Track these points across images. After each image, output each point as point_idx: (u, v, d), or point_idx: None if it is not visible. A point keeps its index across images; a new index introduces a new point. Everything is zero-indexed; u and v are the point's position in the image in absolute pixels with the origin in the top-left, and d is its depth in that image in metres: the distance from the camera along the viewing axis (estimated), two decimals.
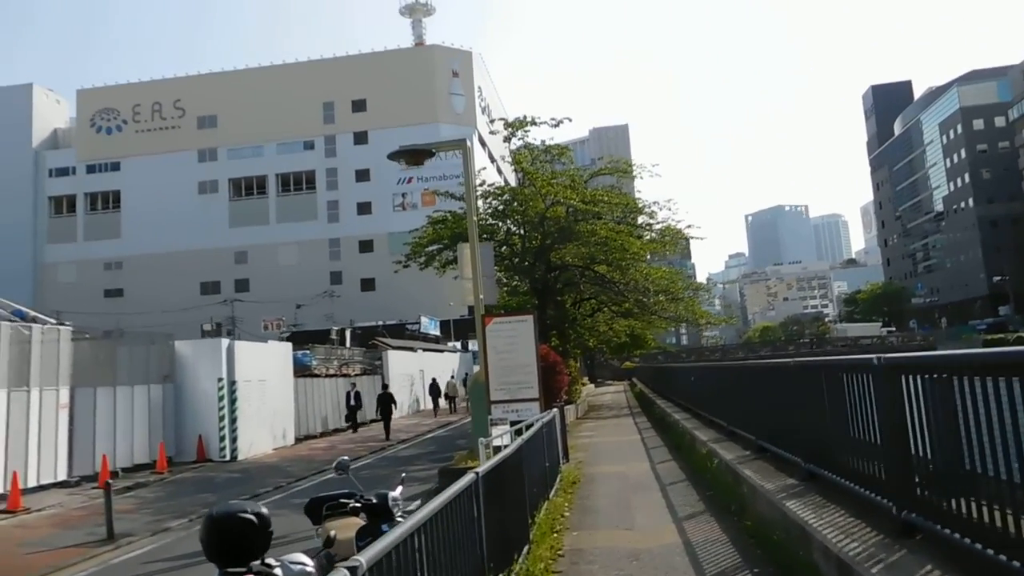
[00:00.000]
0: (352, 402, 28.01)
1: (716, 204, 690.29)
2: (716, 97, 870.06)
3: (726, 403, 10.71)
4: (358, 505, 5.50)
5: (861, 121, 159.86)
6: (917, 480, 4.03)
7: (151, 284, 72.39)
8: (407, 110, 72.54)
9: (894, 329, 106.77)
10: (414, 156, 14.01)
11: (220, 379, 21.94)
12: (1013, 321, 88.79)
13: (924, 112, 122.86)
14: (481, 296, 13.68)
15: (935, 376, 3.84)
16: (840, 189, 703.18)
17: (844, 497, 5.11)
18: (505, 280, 29.83)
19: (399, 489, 5.74)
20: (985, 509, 3.41)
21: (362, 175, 76.09)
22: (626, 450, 14.94)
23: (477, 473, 4.16)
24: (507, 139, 23.53)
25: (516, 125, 23.39)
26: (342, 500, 5.63)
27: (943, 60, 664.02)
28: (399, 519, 5.19)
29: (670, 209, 25.91)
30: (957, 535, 3.56)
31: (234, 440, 22.06)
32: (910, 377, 4.00)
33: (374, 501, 5.49)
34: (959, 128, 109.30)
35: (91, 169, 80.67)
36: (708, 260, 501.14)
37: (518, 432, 9.96)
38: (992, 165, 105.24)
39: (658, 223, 25.98)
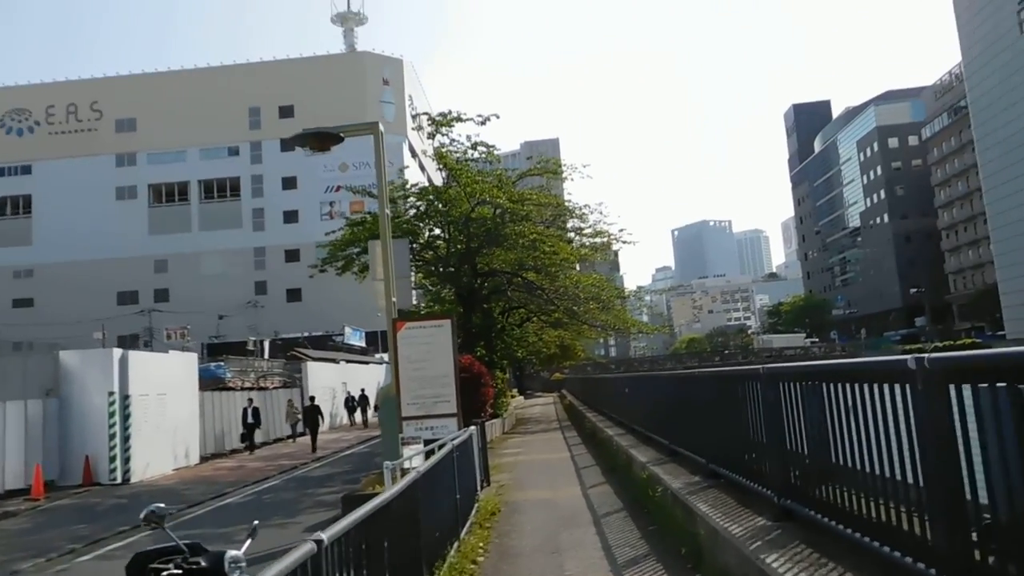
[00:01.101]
0: (249, 419, 25.64)
1: (643, 219, 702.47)
2: (644, 115, 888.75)
3: (667, 418, 9.38)
4: (180, 573, 3.99)
5: (783, 138, 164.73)
6: None
7: (64, 294, 68.61)
8: (336, 117, 69.74)
9: (817, 340, 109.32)
10: (320, 141, 12.40)
11: (112, 393, 20.00)
12: (928, 332, 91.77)
13: (843, 130, 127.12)
14: (394, 299, 12.15)
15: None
16: (762, 205, 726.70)
17: (844, 546, 3.79)
18: (431, 288, 28.33)
19: (246, 544, 4.22)
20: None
21: (289, 183, 74.34)
22: (555, 470, 13.48)
23: (319, 542, 2.63)
24: (431, 135, 21.97)
25: (441, 122, 21.90)
26: (163, 561, 4.12)
27: (860, 81, 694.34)
28: None
29: (601, 212, 24.87)
30: None
31: (127, 461, 20.15)
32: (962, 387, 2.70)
33: (203, 564, 3.98)
34: (875, 146, 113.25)
35: (0, 172, 76.17)
36: (636, 273, 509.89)
37: (431, 454, 8.48)
38: (906, 182, 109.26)
39: (588, 226, 24.84)
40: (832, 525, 3.95)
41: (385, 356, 59.06)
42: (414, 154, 73.22)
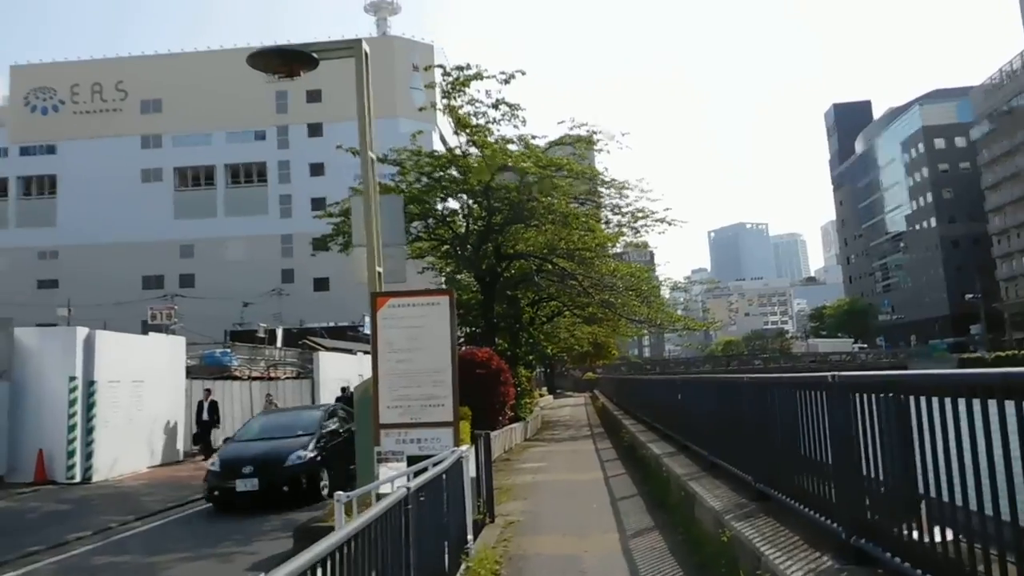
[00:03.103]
0: (205, 416, 21.43)
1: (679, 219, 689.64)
2: (682, 115, 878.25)
3: (751, 443, 6.34)
4: None
5: (822, 141, 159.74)
6: None
7: (89, 275, 67.18)
8: None
9: (865, 346, 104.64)
10: (285, 62, 9.48)
11: (73, 378, 17.39)
12: (978, 341, 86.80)
13: (885, 131, 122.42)
14: (379, 268, 9.25)
15: None
16: (799, 208, 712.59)
17: None
18: (451, 271, 25.43)
19: None
20: None
21: (316, 169, 72.06)
22: (584, 501, 10.23)
23: None
24: (446, 94, 18.92)
25: (458, 79, 18.67)
26: None
27: (899, 81, 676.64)
28: None
29: (642, 190, 21.54)
30: None
31: (89, 456, 17.51)
32: None
33: None
34: (921, 147, 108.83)
35: (25, 151, 75.53)
36: (672, 273, 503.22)
37: (419, 473, 5.46)
38: (953, 185, 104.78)
39: (627, 204, 21.57)
40: None
41: None
42: (444, 142, 70.77)
